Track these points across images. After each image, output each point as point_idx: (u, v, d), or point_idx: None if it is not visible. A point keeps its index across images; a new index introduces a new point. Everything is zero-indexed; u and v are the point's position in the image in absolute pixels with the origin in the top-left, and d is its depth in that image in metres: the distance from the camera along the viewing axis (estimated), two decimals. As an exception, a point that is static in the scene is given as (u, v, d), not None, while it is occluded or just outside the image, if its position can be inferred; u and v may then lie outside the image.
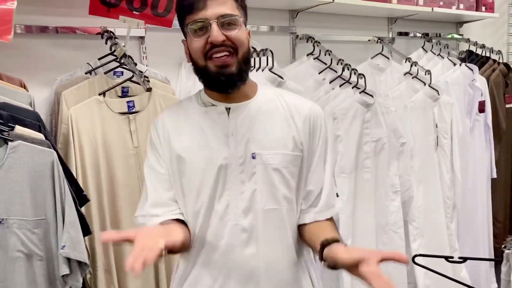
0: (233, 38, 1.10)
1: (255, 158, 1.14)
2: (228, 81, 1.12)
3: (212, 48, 1.09)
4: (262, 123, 1.17)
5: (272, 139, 1.16)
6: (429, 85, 2.50)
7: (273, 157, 1.15)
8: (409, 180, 2.38)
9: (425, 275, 2.45)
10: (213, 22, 1.08)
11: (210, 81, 1.14)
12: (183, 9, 1.13)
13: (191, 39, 1.12)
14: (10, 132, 1.37)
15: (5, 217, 1.32)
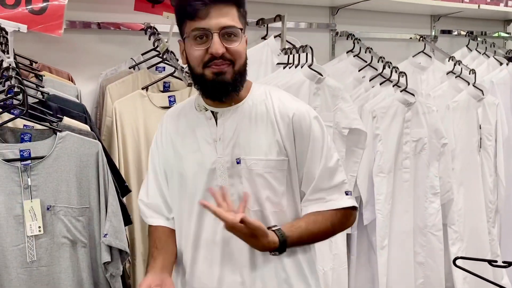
0: (232, 51, 1.12)
1: (239, 163, 1.18)
2: (221, 88, 1.14)
3: (212, 60, 1.11)
4: (247, 128, 1.19)
5: (256, 145, 1.19)
6: (473, 85, 2.42)
7: (257, 162, 1.18)
8: (449, 182, 2.32)
9: (464, 280, 2.38)
10: (214, 33, 1.09)
11: (205, 87, 1.16)
12: (184, 14, 1.13)
13: (190, 45, 1.13)
14: (59, 123, 1.43)
15: (52, 204, 1.38)
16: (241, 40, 1.13)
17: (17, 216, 1.34)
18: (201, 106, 1.22)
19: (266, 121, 1.19)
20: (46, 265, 1.38)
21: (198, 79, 1.16)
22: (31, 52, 1.71)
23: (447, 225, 2.37)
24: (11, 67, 1.39)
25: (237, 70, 1.14)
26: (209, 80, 1.13)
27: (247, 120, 1.19)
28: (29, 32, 1.45)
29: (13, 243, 1.34)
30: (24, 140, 1.40)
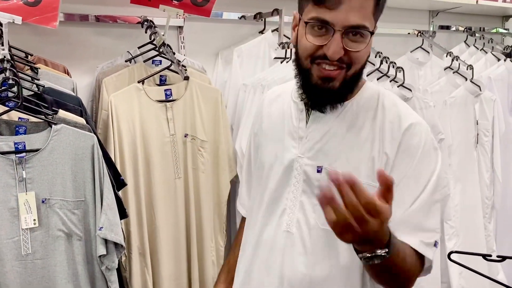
0: (353, 56, 0.93)
1: (320, 172, 1.01)
2: (325, 96, 0.98)
3: (324, 59, 0.93)
4: (341, 135, 1.01)
5: (345, 158, 1.00)
6: (471, 81, 2.42)
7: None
8: (446, 178, 2.32)
9: (460, 275, 2.39)
10: (337, 31, 0.90)
11: (306, 86, 1.00)
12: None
13: (304, 32, 0.94)
14: (54, 116, 1.42)
15: (47, 197, 1.38)
16: (368, 43, 0.94)
17: (12, 209, 1.34)
18: (296, 97, 1.08)
19: (365, 133, 1.00)
20: (41, 258, 1.38)
21: (302, 72, 1.00)
22: (27, 45, 1.70)
23: (443, 220, 2.37)
24: (6, 59, 1.38)
25: (350, 76, 0.96)
26: (313, 83, 0.97)
27: (343, 126, 1.01)
28: (24, 24, 1.44)
29: (8, 236, 1.33)
30: (19, 133, 1.39)
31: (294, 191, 1.05)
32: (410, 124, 0.99)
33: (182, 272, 1.83)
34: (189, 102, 1.80)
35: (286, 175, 1.05)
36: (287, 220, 1.05)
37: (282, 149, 1.07)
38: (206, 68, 2.04)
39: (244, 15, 2.20)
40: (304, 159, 1.04)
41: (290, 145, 1.06)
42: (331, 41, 0.91)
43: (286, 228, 1.05)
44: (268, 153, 1.10)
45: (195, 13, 1.79)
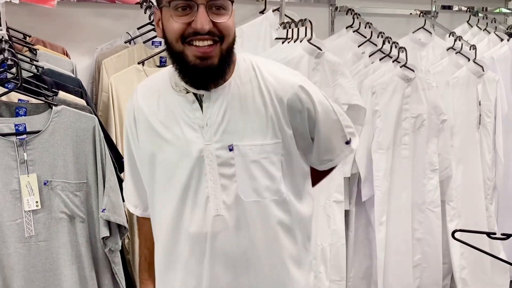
0: (221, 27, 0.96)
1: (232, 150, 1.05)
2: (207, 74, 1.00)
3: (195, 35, 0.95)
4: (238, 110, 1.06)
5: (250, 129, 1.06)
6: (474, 61, 2.39)
7: (252, 148, 1.06)
8: (448, 159, 2.31)
9: (461, 255, 2.40)
10: (201, 5, 0.93)
11: (186, 70, 1.00)
12: None
13: (169, 16, 0.96)
14: (54, 97, 1.41)
15: (49, 179, 1.37)
16: (231, 14, 0.98)
17: (14, 191, 1.33)
18: (179, 86, 1.06)
19: (257, 101, 1.06)
20: (44, 240, 1.38)
21: (177, 58, 0.99)
22: (24, 26, 1.67)
23: (445, 201, 2.37)
24: (4, 39, 1.36)
25: (225, 50, 0.98)
26: (191, 64, 0.97)
27: (236, 102, 1.06)
28: (22, 4, 1.42)
29: (11, 218, 1.33)
30: (19, 114, 1.38)
31: (212, 177, 1.06)
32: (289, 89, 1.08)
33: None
34: (190, 83, 1.78)
35: (198, 167, 1.06)
36: (214, 205, 1.07)
37: (185, 144, 1.06)
38: (206, 49, 2.01)
39: (242, -7, 2.16)
40: (212, 144, 1.05)
41: (193, 137, 1.06)
42: (197, 15, 0.94)
43: (216, 213, 1.07)
44: (167, 155, 1.08)
45: (195, -8, 1.75)
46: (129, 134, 1.16)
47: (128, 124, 1.16)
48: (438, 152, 2.26)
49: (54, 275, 1.40)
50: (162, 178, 1.10)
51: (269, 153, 1.07)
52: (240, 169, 1.06)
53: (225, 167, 1.06)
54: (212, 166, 1.06)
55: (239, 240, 1.09)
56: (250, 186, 1.07)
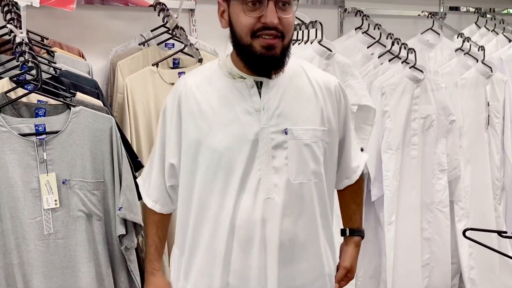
0: (285, 23, 1.05)
1: (287, 133, 1.13)
2: (271, 63, 1.09)
3: (264, 29, 1.04)
4: (292, 98, 1.15)
5: (303, 115, 1.15)
6: (482, 62, 2.41)
7: (304, 132, 1.14)
8: (456, 159, 2.33)
9: (470, 256, 2.41)
10: (271, 1, 1.02)
11: (252, 59, 1.09)
12: None
13: (238, 10, 1.04)
14: (72, 98, 1.44)
15: (68, 178, 1.40)
16: (294, 11, 1.08)
17: (34, 190, 1.37)
18: (235, 74, 1.14)
19: (309, 90, 1.17)
20: (62, 237, 1.41)
21: (244, 49, 1.07)
22: (41, 29, 1.71)
23: (453, 201, 2.39)
24: (24, 42, 1.40)
25: (286, 44, 1.08)
26: (257, 54, 1.06)
27: (290, 90, 1.15)
28: (40, 8, 1.45)
29: (31, 216, 1.36)
30: (38, 115, 1.41)
31: (265, 160, 1.12)
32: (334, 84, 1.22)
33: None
34: (203, 84, 1.81)
35: (252, 150, 1.12)
36: (264, 188, 1.12)
37: (240, 127, 1.12)
38: (217, 51, 2.05)
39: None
40: (268, 128, 1.13)
41: (249, 121, 1.12)
42: (267, 10, 1.03)
43: (266, 196, 1.12)
44: (220, 138, 1.12)
45: (208, -5, 1.79)
46: (168, 126, 1.19)
47: (169, 117, 1.19)
48: (447, 153, 2.27)
49: (72, 272, 1.43)
50: (211, 163, 1.13)
51: (318, 138, 1.16)
52: (292, 152, 1.13)
53: (278, 150, 1.13)
54: (266, 149, 1.12)
55: (286, 226, 1.14)
56: (299, 168, 1.14)
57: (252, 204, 1.12)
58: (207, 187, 1.14)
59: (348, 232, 1.39)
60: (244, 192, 1.12)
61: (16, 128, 1.35)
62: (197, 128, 1.14)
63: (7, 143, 1.33)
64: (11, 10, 1.52)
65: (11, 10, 1.51)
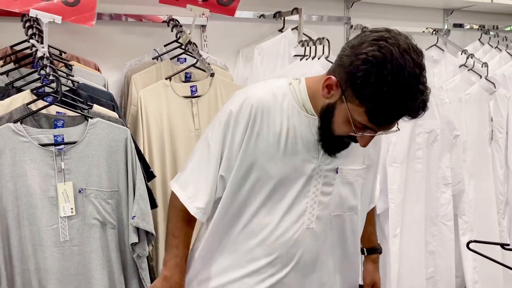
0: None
1: (337, 172, 1.19)
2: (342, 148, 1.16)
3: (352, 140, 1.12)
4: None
5: (352, 155, 1.20)
6: (486, 78, 2.46)
7: (351, 172, 1.21)
8: (460, 173, 2.37)
9: (474, 269, 2.43)
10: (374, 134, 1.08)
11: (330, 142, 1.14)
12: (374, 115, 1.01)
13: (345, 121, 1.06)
14: (90, 110, 1.50)
15: (84, 187, 1.45)
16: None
17: (52, 198, 1.42)
18: (308, 110, 1.15)
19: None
20: (77, 244, 1.46)
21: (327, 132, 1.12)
22: (60, 43, 1.77)
23: (457, 215, 2.42)
24: (46, 56, 1.46)
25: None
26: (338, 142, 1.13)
27: None
28: (59, 24, 1.52)
29: (48, 223, 1.41)
30: (57, 126, 1.47)
31: (314, 193, 1.19)
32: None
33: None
34: (213, 98, 1.87)
35: (306, 183, 1.18)
36: (307, 219, 1.19)
37: (302, 161, 1.16)
38: (228, 66, 2.11)
39: (264, 14, 2.26)
40: (324, 165, 1.18)
41: (309, 157, 1.17)
42: (367, 137, 1.08)
43: (307, 225, 1.20)
44: (281, 167, 1.15)
45: (220, 12, 1.86)
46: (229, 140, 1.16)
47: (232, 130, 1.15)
48: (451, 167, 2.31)
49: (86, 279, 1.47)
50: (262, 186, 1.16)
51: (359, 177, 1.24)
52: (337, 189, 1.20)
53: (327, 186, 1.19)
54: (317, 185, 1.18)
55: (315, 247, 1.22)
56: (340, 203, 1.22)
57: (294, 230, 1.18)
58: (250, 207, 1.18)
59: (366, 251, 1.45)
60: (290, 217, 1.18)
61: (36, 138, 1.40)
62: (260, 150, 1.15)
63: (27, 152, 1.38)
64: (32, 26, 1.58)
65: (33, 26, 1.58)
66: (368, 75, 0.97)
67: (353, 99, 1.02)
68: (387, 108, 0.99)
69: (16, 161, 1.37)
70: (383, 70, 0.96)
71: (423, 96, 1.01)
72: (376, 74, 0.97)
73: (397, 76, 0.96)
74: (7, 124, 1.37)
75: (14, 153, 1.37)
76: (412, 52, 0.99)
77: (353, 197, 1.25)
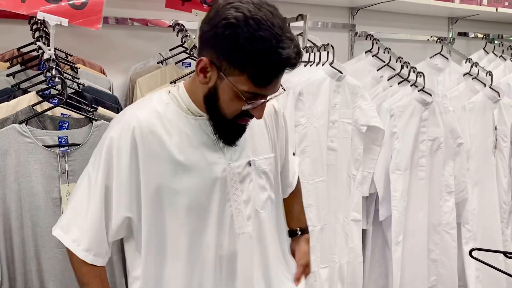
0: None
1: (251, 165, 1.15)
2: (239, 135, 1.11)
3: (246, 116, 1.05)
4: (250, 130, 1.14)
5: (259, 144, 1.18)
6: (490, 87, 2.46)
7: (264, 161, 1.18)
8: (464, 182, 2.36)
9: (477, 279, 2.42)
10: (265, 100, 1.02)
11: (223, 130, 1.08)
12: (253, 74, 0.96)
13: (232, 97, 1.00)
14: (94, 113, 1.51)
15: (87, 189, 1.46)
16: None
17: (55, 199, 1.42)
18: (195, 112, 1.09)
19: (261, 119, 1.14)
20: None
21: (220, 122, 1.06)
22: (66, 46, 1.79)
23: (461, 224, 2.41)
24: (52, 58, 1.47)
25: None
26: (232, 128, 1.08)
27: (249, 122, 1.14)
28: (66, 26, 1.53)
29: (51, 224, 1.39)
30: (62, 128, 1.48)
31: (234, 195, 1.12)
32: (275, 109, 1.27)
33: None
34: (217, 102, 1.88)
35: (222, 186, 1.10)
36: (237, 223, 1.13)
37: (207, 167, 1.08)
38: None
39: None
40: (233, 163, 1.12)
41: (214, 159, 1.10)
42: (260, 107, 1.03)
43: (240, 231, 1.14)
44: (186, 182, 1.07)
45: (225, 17, 1.86)
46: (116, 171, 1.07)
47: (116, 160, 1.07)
48: (454, 175, 2.31)
49: (87, 281, 1.47)
50: (179, 206, 1.08)
51: (270, 164, 1.21)
52: (255, 183, 1.16)
53: (245, 183, 1.14)
54: (234, 185, 1.12)
55: (259, 256, 1.19)
56: (261, 197, 1.18)
57: (229, 240, 1.12)
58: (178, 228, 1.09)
59: (300, 231, 1.42)
60: (221, 227, 1.11)
61: (40, 139, 1.41)
62: (160, 171, 1.06)
63: (32, 153, 1.39)
64: (39, 28, 1.60)
65: (40, 28, 1.60)
66: (236, 38, 0.93)
67: (231, 70, 0.97)
68: (267, 63, 0.94)
69: (20, 161, 1.38)
70: (247, 28, 0.93)
71: (293, 42, 0.97)
72: (243, 34, 0.93)
73: (263, 29, 0.93)
74: (12, 125, 1.38)
75: (19, 154, 1.38)
76: (266, 6, 0.97)
77: (270, 187, 1.21)
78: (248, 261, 1.16)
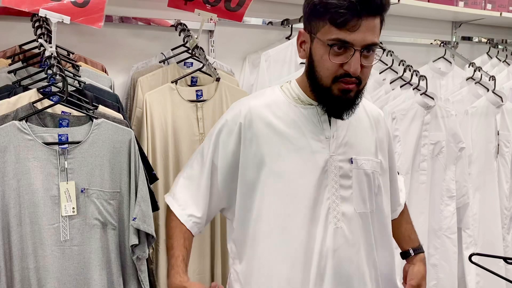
0: (366, 71, 1.07)
1: (352, 163, 1.17)
2: (345, 106, 1.10)
3: (345, 76, 1.04)
4: (356, 128, 1.19)
5: (365, 145, 1.20)
6: (493, 91, 2.45)
7: (366, 162, 1.19)
8: (465, 186, 2.35)
9: (477, 284, 2.40)
10: (357, 50, 1.01)
11: (328, 101, 1.10)
12: (330, 18, 1.01)
13: (323, 52, 1.04)
14: (95, 111, 1.51)
15: (86, 187, 1.45)
16: (375, 57, 1.08)
17: (54, 197, 1.42)
18: (304, 100, 1.15)
19: (366, 122, 1.22)
20: (77, 244, 1.45)
21: (321, 89, 1.09)
22: (68, 44, 1.79)
23: (461, 229, 2.40)
24: (53, 56, 1.47)
25: (361, 89, 1.10)
26: (334, 96, 1.07)
27: (354, 121, 1.18)
28: (68, 24, 1.53)
29: (49, 222, 1.41)
30: (62, 125, 1.47)
31: (333, 188, 1.14)
32: (382, 115, 1.30)
33: (205, 267, 1.89)
34: (219, 102, 1.87)
35: (322, 176, 1.14)
36: (333, 217, 1.14)
37: (310, 153, 1.13)
38: (234, 71, 2.12)
39: (272, 21, 2.27)
40: (336, 156, 1.16)
41: (318, 148, 1.14)
42: (352, 59, 1.02)
43: (335, 225, 1.15)
44: (293, 163, 1.13)
45: (228, 17, 1.86)
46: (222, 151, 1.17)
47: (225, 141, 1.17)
48: (456, 179, 2.30)
49: (84, 279, 1.46)
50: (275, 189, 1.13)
51: (375, 168, 1.22)
52: (356, 181, 1.17)
53: (345, 179, 1.16)
54: (334, 178, 1.14)
55: (352, 255, 1.18)
56: (361, 197, 1.18)
57: (323, 233, 1.13)
58: (271, 213, 1.14)
59: (412, 251, 1.40)
60: (316, 218, 1.13)
61: (40, 136, 1.41)
62: (263, 152, 1.13)
63: (31, 150, 1.39)
64: (41, 26, 1.60)
65: (42, 26, 1.60)
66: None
67: (316, 25, 1.04)
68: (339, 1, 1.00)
69: (20, 158, 1.38)
70: None
71: None
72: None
73: None
74: (12, 122, 1.37)
75: (18, 150, 1.37)
76: None
77: (373, 192, 1.21)
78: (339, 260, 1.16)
